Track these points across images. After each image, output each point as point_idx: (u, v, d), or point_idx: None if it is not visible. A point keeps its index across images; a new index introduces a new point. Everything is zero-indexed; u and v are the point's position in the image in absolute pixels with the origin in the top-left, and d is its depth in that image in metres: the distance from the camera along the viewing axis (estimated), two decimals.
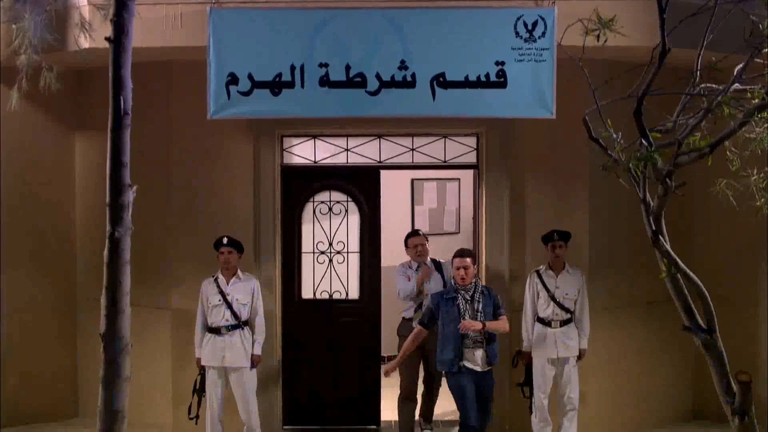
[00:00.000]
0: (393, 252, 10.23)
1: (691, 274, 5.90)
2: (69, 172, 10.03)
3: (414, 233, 9.18)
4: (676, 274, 5.87)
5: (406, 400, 8.84)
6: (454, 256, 8.01)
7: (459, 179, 12.63)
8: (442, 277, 8.82)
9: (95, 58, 8.68)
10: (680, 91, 5.75)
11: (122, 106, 6.09)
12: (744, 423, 5.96)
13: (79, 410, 10.01)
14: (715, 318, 5.93)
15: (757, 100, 5.43)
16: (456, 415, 8.17)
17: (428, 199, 12.69)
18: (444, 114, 8.11)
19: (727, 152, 6.18)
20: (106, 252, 6.18)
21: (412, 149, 9.27)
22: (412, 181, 12.65)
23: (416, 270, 8.89)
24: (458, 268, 7.85)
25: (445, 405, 9.14)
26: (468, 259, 7.89)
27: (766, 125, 6.05)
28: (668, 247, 5.81)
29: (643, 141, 5.45)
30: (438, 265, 8.97)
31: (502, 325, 7.98)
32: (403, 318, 8.99)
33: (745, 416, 5.95)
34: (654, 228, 5.82)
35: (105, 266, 6.20)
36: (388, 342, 9.90)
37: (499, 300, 8.10)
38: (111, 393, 6.21)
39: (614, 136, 5.59)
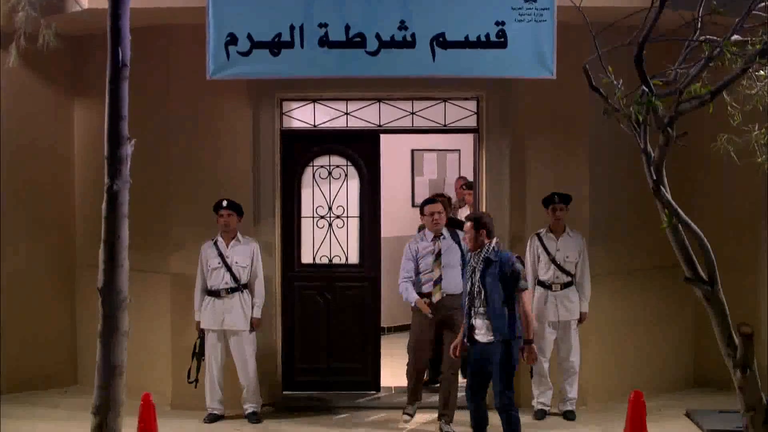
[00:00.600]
0: (393, 223, 10.22)
1: (693, 224, 5.86)
2: (68, 138, 10.02)
3: (431, 200, 8.69)
4: (677, 224, 5.83)
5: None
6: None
7: (459, 150, 12.60)
8: (460, 247, 8.42)
9: (94, 22, 8.60)
10: (682, 38, 5.71)
11: (120, 58, 6.07)
12: (746, 376, 5.93)
13: (78, 377, 10.00)
14: (717, 269, 5.91)
15: (758, 47, 5.38)
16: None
17: (428, 170, 12.66)
18: (443, 74, 8.06)
19: (728, 107, 6.14)
20: (104, 205, 6.16)
21: (412, 113, 9.21)
22: (412, 151, 12.64)
23: (432, 241, 8.44)
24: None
25: None
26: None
27: (766, 80, 6.03)
28: (669, 197, 5.78)
29: (644, 88, 5.41)
30: (455, 235, 8.50)
31: (527, 314, 7.37)
32: (420, 293, 8.40)
33: (747, 369, 5.92)
34: (655, 178, 5.78)
35: (103, 220, 6.18)
36: (388, 309, 9.89)
37: (518, 270, 7.30)
38: (109, 348, 6.20)
39: (615, 82, 5.56)
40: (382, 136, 9.46)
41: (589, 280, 8.78)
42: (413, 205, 12.31)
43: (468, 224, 7.46)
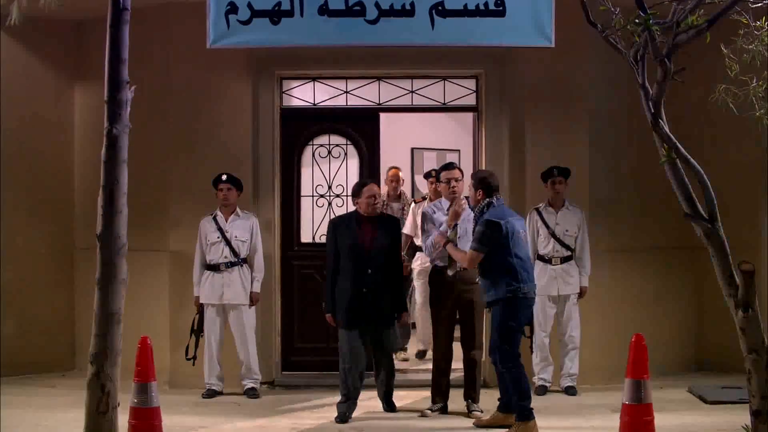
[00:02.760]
0: None
1: (692, 160, 5.86)
2: (68, 123, 10.06)
3: (447, 166, 8.10)
4: (676, 160, 5.83)
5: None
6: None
7: (459, 150, 12.65)
8: None
9: (95, 5, 8.66)
10: None
11: (121, 2, 6.12)
12: (747, 316, 5.88)
13: (76, 362, 9.89)
14: (716, 206, 5.88)
15: None
16: None
17: (428, 169, 12.65)
18: (442, 42, 8.12)
19: (726, 59, 6.17)
20: (103, 150, 6.18)
21: (412, 91, 9.27)
22: (412, 150, 12.68)
23: (448, 209, 7.94)
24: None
25: None
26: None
27: (764, 29, 6.07)
28: (667, 130, 5.79)
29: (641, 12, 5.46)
30: None
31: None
32: (435, 266, 8.01)
33: (748, 309, 5.87)
34: (653, 111, 5.78)
35: (102, 165, 6.20)
36: None
37: (477, 231, 7.34)
38: (107, 295, 6.18)
39: (612, 9, 5.60)
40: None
41: (589, 255, 8.76)
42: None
43: (471, 181, 7.48)
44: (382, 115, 9.53)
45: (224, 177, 8.63)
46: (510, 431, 7.15)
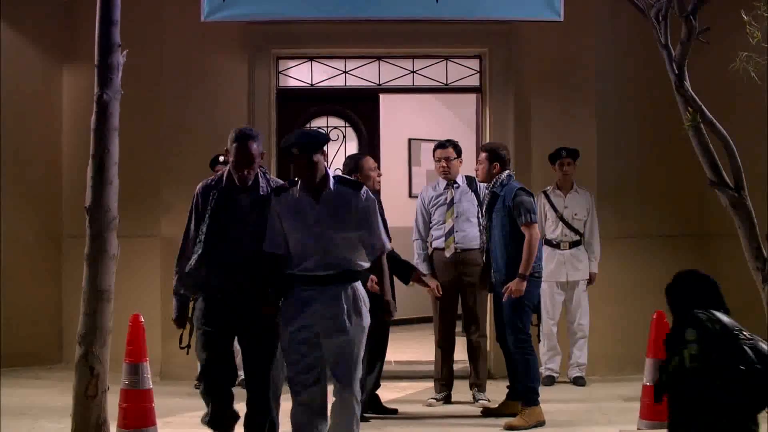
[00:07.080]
0: (390, 213, 9.85)
1: (718, 125, 5.59)
2: (56, 105, 9.76)
3: (442, 144, 7.83)
4: (700, 124, 5.55)
5: None
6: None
7: (458, 141, 12.36)
8: (477, 196, 7.72)
9: None
10: None
11: None
12: None
13: (63, 356, 9.54)
14: (743, 174, 5.60)
15: None
16: None
17: (426, 160, 12.39)
18: (446, 16, 7.93)
19: (747, 27, 5.90)
20: (93, 117, 5.96)
21: (413, 71, 9.01)
22: (410, 141, 12.40)
23: (444, 189, 7.72)
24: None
25: None
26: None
27: None
28: (692, 92, 5.51)
29: None
30: (472, 183, 7.75)
31: (527, 248, 6.84)
32: (434, 248, 7.73)
33: None
34: (677, 73, 5.50)
35: (92, 132, 5.96)
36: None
37: (518, 203, 6.88)
38: (96, 271, 5.91)
39: None
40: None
41: (599, 239, 8.49)
42: (410, 196, 12.05)
43: (483, 155, 7.16)
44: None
45: (222, 158, 8.13)
46: (517, 418, 6.82)
